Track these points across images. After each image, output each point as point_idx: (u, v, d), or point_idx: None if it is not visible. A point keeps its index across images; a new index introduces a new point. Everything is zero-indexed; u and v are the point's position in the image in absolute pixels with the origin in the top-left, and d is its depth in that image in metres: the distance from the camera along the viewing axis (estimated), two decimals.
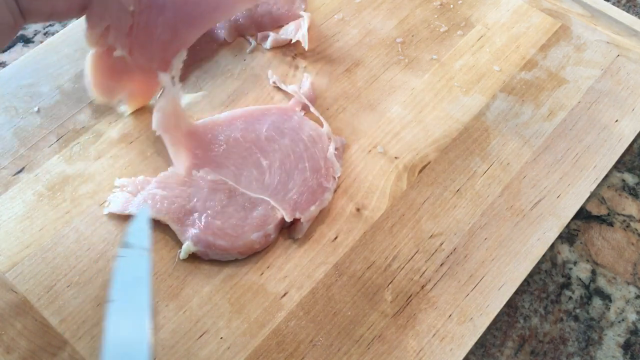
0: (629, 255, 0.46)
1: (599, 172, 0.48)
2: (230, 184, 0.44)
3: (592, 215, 0.48)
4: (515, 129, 0.50)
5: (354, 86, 0.52)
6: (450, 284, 0.43)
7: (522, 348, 0.42)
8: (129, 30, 0.42)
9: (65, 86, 0.52)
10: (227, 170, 0.45)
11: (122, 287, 0.36)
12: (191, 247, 0.42)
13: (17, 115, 0.50)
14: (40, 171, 0.47)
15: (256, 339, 0.40)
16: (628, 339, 0.43)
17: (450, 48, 0.55)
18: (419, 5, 0.58)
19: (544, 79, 0.53)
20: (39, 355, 0.39)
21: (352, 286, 0.43)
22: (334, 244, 0.44)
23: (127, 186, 0.45)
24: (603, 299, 0.44)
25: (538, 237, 0.45)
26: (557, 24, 0.56)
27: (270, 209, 0.43)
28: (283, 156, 0.46)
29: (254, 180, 0.44)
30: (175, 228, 0.43)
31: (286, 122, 0.48)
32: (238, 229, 0.42)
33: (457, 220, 0.45)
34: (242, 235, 0.42)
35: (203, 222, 0.42)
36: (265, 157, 0.46)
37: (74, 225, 0.45)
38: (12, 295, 0.42)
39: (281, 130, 0.47)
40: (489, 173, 0.48)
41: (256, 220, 0.43)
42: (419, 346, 0.40)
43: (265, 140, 0.46)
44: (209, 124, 0.47)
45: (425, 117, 0.51)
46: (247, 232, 0.42)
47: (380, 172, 0.48)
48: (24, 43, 0.58)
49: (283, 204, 0.43)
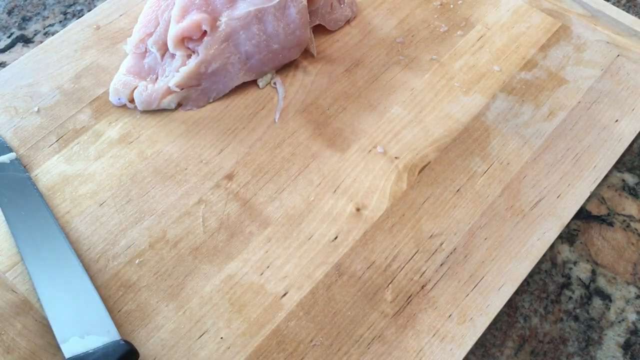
0: (629, 255, 0.46)
1: (599, 172, 0.48)
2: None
3: (592, 215, 0.48)
4: (515, 129, 0.50)
5: (354, 86, 0.52)
6: (450, 284, 0.43)
7: (522, 348, 0.42)
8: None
9: (65, 86, 0.52)
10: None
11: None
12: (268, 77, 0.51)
13: (17, 115, 0.50)
14: (40, 171, 0.47)
15: (256, 339, 0.40)
16: (628, 339, 0.43)
17: (450, 48, 0.55)
18: (419, 5, 0.58)
19: (544, 79, 0.53)
20: (39, 355, 0.39)
21: (352, 286, 0.43)
22: (334, 244, 0.44)
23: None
24: (603, 299, 0.44)
25: (538, 237, 0.45)
26: (557, 24, 0.56)
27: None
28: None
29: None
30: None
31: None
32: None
33: (457, 220, 0.45)
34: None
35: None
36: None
37: (74, 225, 0.45)
38: (12, 295, 0.42)
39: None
40: (489, 173, 0.48)
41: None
42: (419, 346, 0.40)
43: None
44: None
45: (425, 117, 0.51)
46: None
47: (380, 172, 0.48)
48: (24, 43, 0.58)
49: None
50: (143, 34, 0.50)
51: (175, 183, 0.47)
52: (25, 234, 0.43)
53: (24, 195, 0.45)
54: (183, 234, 0.44)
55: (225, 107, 0.51)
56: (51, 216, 0.44)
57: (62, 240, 0.43)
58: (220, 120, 0.50)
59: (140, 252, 0.44)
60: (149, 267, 0.43)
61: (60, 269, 0.41)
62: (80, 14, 0.60)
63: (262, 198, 0.46)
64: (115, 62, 0.53)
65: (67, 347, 0.38)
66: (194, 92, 0.50)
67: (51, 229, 0.43)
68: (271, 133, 0.50)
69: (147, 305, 0.41)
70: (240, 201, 0.46)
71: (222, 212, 0.45)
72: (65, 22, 0.60)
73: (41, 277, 0.41)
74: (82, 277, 0.41)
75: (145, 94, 0.49)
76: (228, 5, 0.48)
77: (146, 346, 0.40)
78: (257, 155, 0.48)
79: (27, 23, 0.60)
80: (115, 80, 0.50)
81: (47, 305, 0.40)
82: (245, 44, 0.49)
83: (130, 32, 0.55)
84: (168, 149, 0.49)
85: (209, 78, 0.50)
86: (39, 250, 0.42)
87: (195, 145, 0.49)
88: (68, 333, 0.39)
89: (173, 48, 0.49)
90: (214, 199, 0.46)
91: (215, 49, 0.48)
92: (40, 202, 0.45)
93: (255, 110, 0.51)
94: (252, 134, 0.49)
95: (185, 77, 0.49)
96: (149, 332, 0.41)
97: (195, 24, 0.47)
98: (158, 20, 0.50)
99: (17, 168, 0.46)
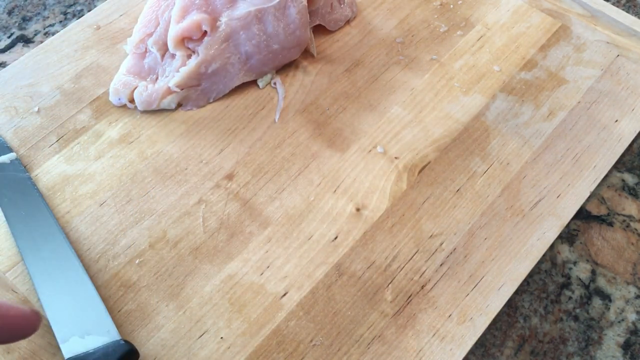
0: (629, 255, 0.46)
1: (599, 172, 0.48)
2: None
3: (592, 215, 0.48)
4: (515, 129, 0.50)
5: (354, 86, 0.52)
6: (450, 284, 0.43)
7: (522, 348, 0.42)
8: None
9: (65, 86, 0.52)
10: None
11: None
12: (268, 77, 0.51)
13: (17, 115, 0.50)
14: (40, 171, 0.47)
15: (256, 339, 0.40)
16: (628, 339, 0.43)
17: (450, 48, 0.55)
18: (419, 5, 0.58)
19: (544, 79, 0.53)
20: (39, 355, 0.40)
21: (352, 286, 0.43)
22: (334, 244, 0.44)
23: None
24: (603, 299, 0.44)
25: (538, 237, 0.45)
26: (557, 24, 0.56)
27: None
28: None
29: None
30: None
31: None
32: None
33: (457, 220, 0.45)
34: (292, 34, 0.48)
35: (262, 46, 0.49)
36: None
37: (74, 225, 0.45)
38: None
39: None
40: (489, 173, 0.48)
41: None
42: (419, 346, 0.40)
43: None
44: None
45: (425, 117, 0.51)
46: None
47: (380, 172, 0.48)
48: (24, 43, 0.58)
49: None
50: (143, 34, 0.50)
51: (175, 183, 0.47)
52: (25, 234, 0.43)
53: (24, 195, 0.45)
54: (183, 234, 0.44)
55: (225, 107, 0.51)
56: (51, 216, 0.44)
57: (62, 240, 0.43)
58: (220, 120, 0.50)
59: (140, 252, 0.44)
60: (149, 267, 0.43)
61: (61, 269, 0.41)
62: (80, 14, 0.60)
63: (262, 198, 0.46)
64: (116, 62, 0.53)
65: (67, 347, 0.38)
66: (194, 92, 0.50)
67: (51, 229, 0.43)
68: (271, 133, 0.50)
69: (147, 305, 0.42)
70: (240, 201, 0.46)
71: (222, 212, 0.45)
72: (66, 22, 0.60)
73: (41, 277, 0.41)
74: (82, 277, 0.41)
75: (145, 94, 0.49)
76: (228, 5, 0.48)
77: (146, 346, 0.40)
78: (257, 155, 0.48)
79: (27, 23, 0.60)
80: (116, 81, 0.50)
81: (47, 305, 0.40)
82: (246, 44, 0.49)
83: (130, 32, 0.55)
84: (168, 149, 0.49)
85: (209, 78, 0.50)
86: (39, 250, 0.42)
87: (196, 145, 0.49)
88: (68, 333, 0.39)
89: (173, 48, 0.49)
90: (214, 199, 0.46)
91: (215, 49, 0.48)
92: (40, 202, 0.45)
93: (255, 110, 0.51)
94: (252, 134, 0.50)
95: (185, 77, 0.49)
96: (149, 332, 0.41)
97: (196, 24, 0.47)
98: (158, 20, 0.50)
99: (17, 168, 0.46)
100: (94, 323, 0.39)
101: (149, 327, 0.41)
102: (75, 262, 0.42)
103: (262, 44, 0.49)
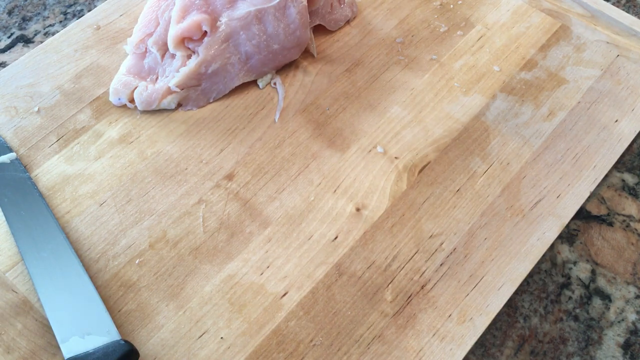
0: (629, 255, 0.46)
1: (599, 172, 0.48)
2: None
3: (592, 215, 0.48)
4: (515, 129, 0.50)
5: (354, 86, 0.52)
6: (450, 284, 0.43)
7: (522, 348, 0.42)
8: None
9: (65, 86, 0.52)
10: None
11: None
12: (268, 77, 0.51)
13: (17, 115, 0.50)
14: (40, 171, 0.47)
15: (256, 338, 0.40)
16: (628, 339, 0.43)
17: (450, 48, 0.55)
18: (419, 5, 0.58)
19: (544, 79, 0.53)
20: (39, 355, 0.40)
21: (352, 286, 0.43)
22: (334, 244, 0.44)
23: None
24: (603, 298, 0.44)
25: (538, 237, 0.45)
26: (557, 24, 0.56)
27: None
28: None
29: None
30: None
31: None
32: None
33: (457, 220, 0.45)
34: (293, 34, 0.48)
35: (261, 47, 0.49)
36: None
37: (74, 225, 0.45)
38: (12, 295, 0.42)
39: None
40: (489, 173, 0.48)
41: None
42: (419, 346, 0.40)
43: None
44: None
45: (425, 117, 0.51)
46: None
47: (380, 172, 0.48)
48: (24, 43, 0.58)
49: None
50: (143, 34, 0.50)
51: (175, 183, 0.47)
52: (25, 234, 0.43)
53: (24, 195, 0.45)
54: (183, 234, 0.44)
55: (225, 107, 0.51)
56: (51, 216, 0.44)
57: (62, 240, 0.43)
58: (221, 120, 0.50)
59: (140, 252, 0.44)
60: (149, 267, 0.43)
61: (61, 269, 0.41)
62: (80, 14, 0.60)
63: (262, 198, 0.46)
64: (116, 62, 0.53)
65: (67, 347, 0.38)
66: (194, 92, 0.50)
67: (51, 229, 0.43)
68: (271, 133, 0.50)
69: (147, 305, 0.42)
70: (240, 201, 0.46)
71: (222, 212, 0.45)
72: (66, 22, 0.60)
73: (41, 277, 0.41)
74: (82, 277, 0.41)
75: (145, 94, 0.50)
76: (228, 5, 0.48)
77: (146, 346, 0.40)
78: (257, 155, 0.48)
79: (28, 23, 0.60)
80: (116, 81, 0.50)
81: (47, 305, 0.40)
82: (246, 44, 0.49)
83: (130, 32, 0.55)
84: (168, 149, 0.49)
85: (209, 78, 0.50)
86: (39, 250, 0.42)
87: (196, 145, 0.49)
88: (68, 333, 0.39)
89: (173, 48, 0.49)
90: (214, 199, 0.46)
91: (215, 50, 0.48)
92: (40, 202, 0.45)
93: (255, 110, 0.51)
94: (252, 134, 0.50)
95: (185, 78, 0.49)
96: (149, 332, 0.41)
97: (196, 24, 0.47)
98: (158, 20, 0.50)
99: (17, 168, 0.46)
100: (94, 323, 0.39)
101: (149, 327, 0.41)
102: (75, 262, 0.42)
103: (262, 44, 0.49)
